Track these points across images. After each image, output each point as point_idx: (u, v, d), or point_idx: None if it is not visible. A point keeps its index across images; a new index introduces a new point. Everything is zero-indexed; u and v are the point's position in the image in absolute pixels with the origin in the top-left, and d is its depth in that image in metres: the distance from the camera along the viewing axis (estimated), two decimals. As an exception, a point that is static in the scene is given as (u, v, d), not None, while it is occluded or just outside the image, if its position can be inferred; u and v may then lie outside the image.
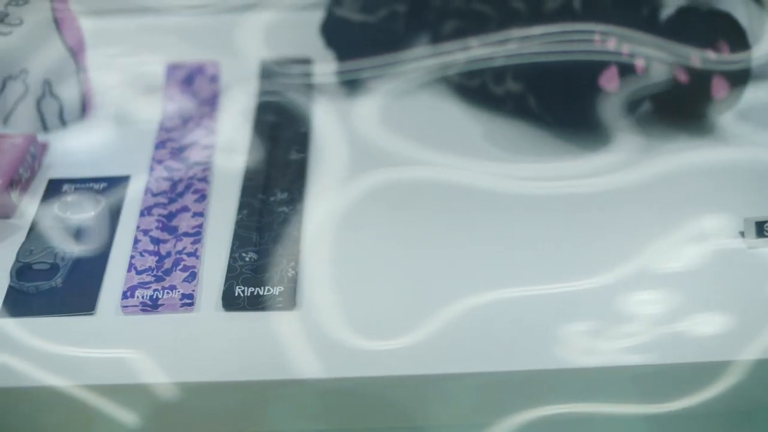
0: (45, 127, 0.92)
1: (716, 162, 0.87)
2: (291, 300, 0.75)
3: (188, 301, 0.75)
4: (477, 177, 0.85)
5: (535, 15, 0.90)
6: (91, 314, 0.75)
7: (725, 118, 0.90)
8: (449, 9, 0.93)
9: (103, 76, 0.95)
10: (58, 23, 0.89)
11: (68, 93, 0.91)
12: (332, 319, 0.74)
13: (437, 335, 0.72)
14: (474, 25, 0.92)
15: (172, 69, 0.97)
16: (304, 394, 0.72)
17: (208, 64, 0.97)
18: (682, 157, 0.87)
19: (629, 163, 0.86)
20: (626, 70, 0.85)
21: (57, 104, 0.91)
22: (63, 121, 0.92)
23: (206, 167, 0.87)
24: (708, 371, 0.70)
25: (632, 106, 0.87)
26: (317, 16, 0.97)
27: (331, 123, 0.92)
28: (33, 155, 0.87)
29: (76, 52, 0.90)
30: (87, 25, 0.92)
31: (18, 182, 0.85)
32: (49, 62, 0.89)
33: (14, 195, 0.84)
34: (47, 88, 0.90)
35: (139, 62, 0.99)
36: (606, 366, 0.70)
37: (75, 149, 0.91)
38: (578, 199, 0.83)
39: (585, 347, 0.71)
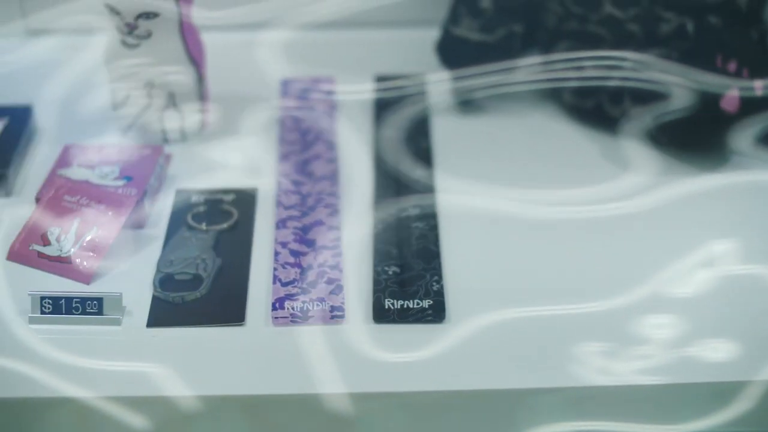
0: (166, 139, 0.92)
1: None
2: (440, 313, 0.76)
3: (339, 313, 0.76)
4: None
5: (650, 38, 0.92)
6: (242, 325, 0.76)
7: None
8: (563, 30, 0.94)
9: (220, 88, 0.95)
10: (184, 36, 0.89)
11: (189, 105, 0.92)
12: (482, 331, 0.75)
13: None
14: (587, 46, 0.93)
15: (287, 83, 0.98)
16: (462, 405, 0.73)
17: (323, 79, 0.98)
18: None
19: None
20: (746, 92, 0.87)
21: (179, 116, 0.92)
22: (183, 133, 0.93)
23: (333, 181, 0.88)
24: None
25: (749, 128, 0.89)
26: (427, 34, 0.98)
27: (449, 139, 0.93)
28: (161, 166, 0.88)
29: (198, 64, 0.91)
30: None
31: (149, 192, 0.85)
32: (174, 75, 0.90)
33: (147, 204, 0.85)
34: (171, 100, 0.91)
35: (254, 76, 0.99)
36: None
37: (197, 160, 0.91)
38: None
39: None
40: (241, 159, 0.91)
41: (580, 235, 0.83)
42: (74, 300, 0.76)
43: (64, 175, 0.86)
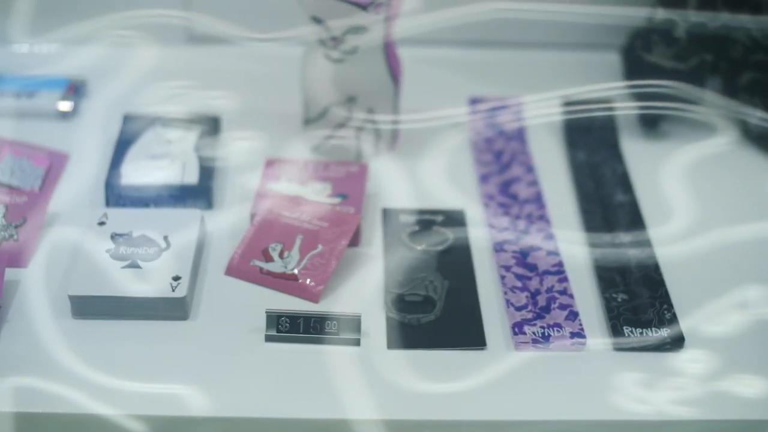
0: (359, 155, 0.92)
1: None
2: (679, 342, 0.76)
3: (580, 339, 0.76)
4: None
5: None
6: (483, 349, 0.76)
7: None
8: (750, 60, 0.95)
9: (408, 104, 0.94)
10: (387, 52, 0.88)
11: (385, 121, 0.91)
12: (722, 361, 0.75)
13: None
14: (773, 78, 0.94)
15: (475, 102, 0.97)
16: None
17: (510, 99, 0.97)
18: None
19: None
20: None
21: (375, 132, 0.91)
22: (377, 150, 0.92)
23: (539, 205, 0.87)
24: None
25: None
26: (598, 57, 0.99)
27: (641, 164, 0.93)
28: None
29: (397, 80, 0.90)
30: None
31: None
32: (375, 90, 0.89)
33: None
34: (369, 116, 0.90)
35: (441, 93, 0.99)
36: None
37: (393, 178, 0.90)
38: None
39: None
40: (436, 177, 0.91)
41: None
42: (312, 319, 0.75)
43: (275, 190, 0.85)
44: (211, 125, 0.92)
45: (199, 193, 0.86)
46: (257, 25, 1.01)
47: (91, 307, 0.77)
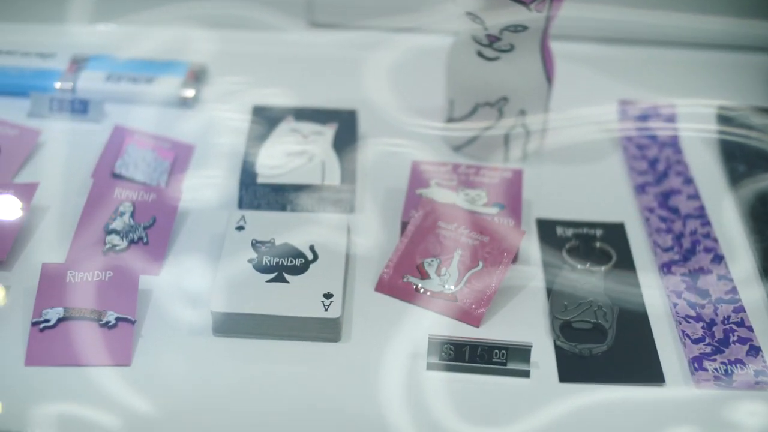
0: (506, 158, 0.85)
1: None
2: None
3: (765, 378, 0.70)
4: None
5: None
6: (662, 385, 0.70)
7: None
8: None
9: (554, 106, 0.88)
10: (544, 52, 0.82)
11: (535, 124, 0.85)
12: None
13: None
14: None
15: (625, 107, 0.91)
16: None
17: (663, 105, 0.91)
18: None
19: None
20: None
21: (524, 135, 0.85)
22: (525, 154, 0.86)
23: (703, 221, 0.81)
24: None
25: None
26: (755, 59, 0.92)
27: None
28: (519, 192, 0.81)
29: (551, 80, 0.84)
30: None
31: (516, 223, 0.79)
32: (529, 90, 0.83)
33: (516, 237, 0.78)
34: (520, 117, 0.84)
35: (587, 93, 0.93)
36: None
37: (542, 184, 0.84)
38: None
39: None
40: (587, 184, 0.85)
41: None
42: (480, 348, 0.69)
43: (425, 196, 0.79)
44: (348, 120, 0.86)
45: (340, 195, 0.80)
46: (393, 13, 0.94)
47: (234, 325, 0.71)
